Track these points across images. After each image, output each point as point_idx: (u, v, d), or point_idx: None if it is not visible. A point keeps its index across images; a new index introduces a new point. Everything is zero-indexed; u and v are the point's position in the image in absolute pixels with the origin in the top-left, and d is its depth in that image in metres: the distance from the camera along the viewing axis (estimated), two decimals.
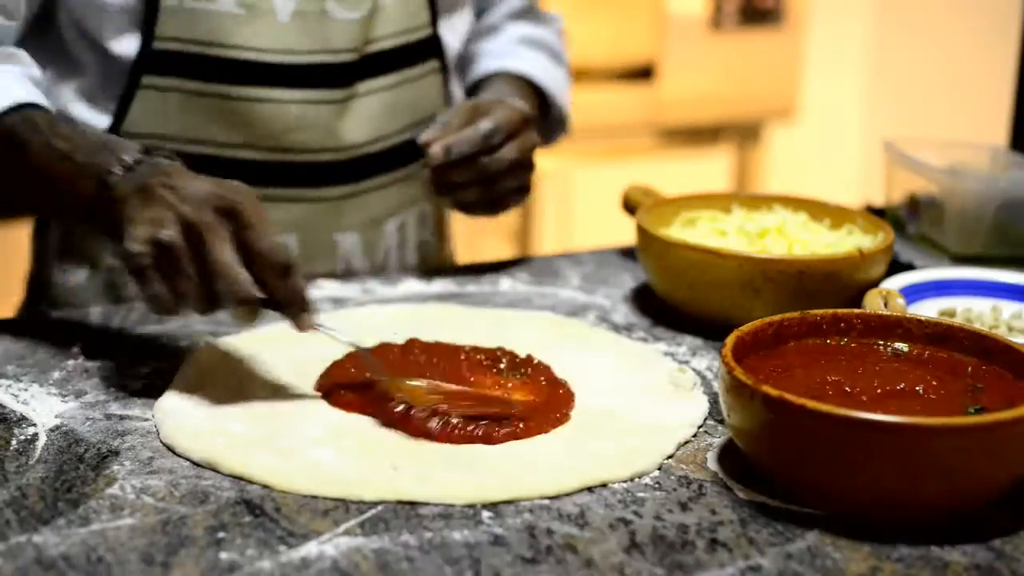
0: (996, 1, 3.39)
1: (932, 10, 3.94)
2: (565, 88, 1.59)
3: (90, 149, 1.08)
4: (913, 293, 1.22)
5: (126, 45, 1.29)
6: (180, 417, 1.00)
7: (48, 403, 1.03)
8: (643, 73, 3.89)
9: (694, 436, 1.01)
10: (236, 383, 1.08)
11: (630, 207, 1.42)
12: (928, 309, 1.22)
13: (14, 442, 0.96)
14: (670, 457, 0.97)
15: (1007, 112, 1.69)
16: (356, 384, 1.05)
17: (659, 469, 0.95)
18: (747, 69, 4.04)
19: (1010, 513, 0.88)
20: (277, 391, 1.06)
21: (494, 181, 1.34)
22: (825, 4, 4.17)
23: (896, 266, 1.33)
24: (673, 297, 1.26)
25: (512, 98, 1.42)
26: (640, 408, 1.04)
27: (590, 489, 0.91)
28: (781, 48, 4.08)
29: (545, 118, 1.56)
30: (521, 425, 0.99)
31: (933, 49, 3.92)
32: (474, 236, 1.50)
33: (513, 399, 1.04)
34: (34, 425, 0.99)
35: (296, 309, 1.01)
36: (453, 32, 1.48)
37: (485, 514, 0.87)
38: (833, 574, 0.81)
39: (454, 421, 0.97)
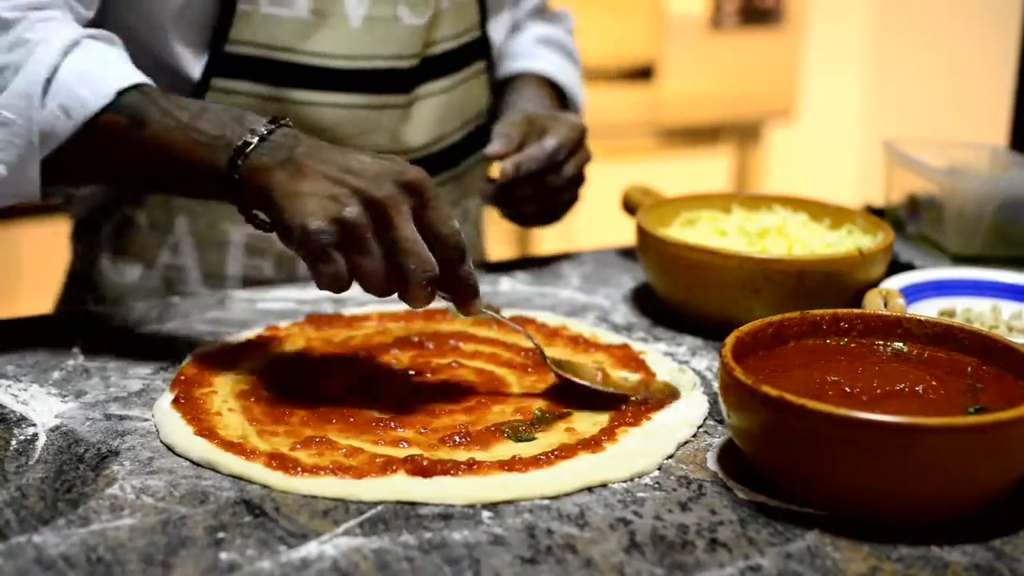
0: (996, 1, 3.39)
1: (932, 10, 3.94)
2: (579, 85, 1.63)
3: (216, 120, 1.05)
4: (913, 293, 1.22)
5: (196, 53, 1.29)
6: (180, 417, 1.00)
7: (48, 403, 1.03)
8: (643, 73, 3.89)
9: (694, 436, 1.01)
10: (236, 382, 1.08)
11: (630, 207, 1.42)
12: (928, 309, 1.22)
13: (14, 442, 0.96)
14: (670, 457, 0.97)
15: (1007, 112, 1.69)
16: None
17: (659, 469, 0.95)
18: (747, 69, 4.04)
19: (1010, 513, 0.88)
20: (275, 390, 1.06)
21: (554, 196, 1.38)
22: (825, 4, 4.17)
23: (896, 266, 1.33)
24: (673, 297, 1.26)
25: (554, 111, 1.46)
26: (639, 408, 1.04)
27: (590, 489, 0.91)
28: (781, 48, 4.08)
29: None
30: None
31: (933, 49, 3.92)
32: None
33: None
34: (34, 425, 0.99)
35: (466, 294, 1.02)
36: (497, 31, 1.51)
37: (485, 514, 0.87)
38: (833, 574, 0.81)
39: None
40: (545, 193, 1.38)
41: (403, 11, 1.34)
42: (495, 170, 1.33)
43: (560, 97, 1.58)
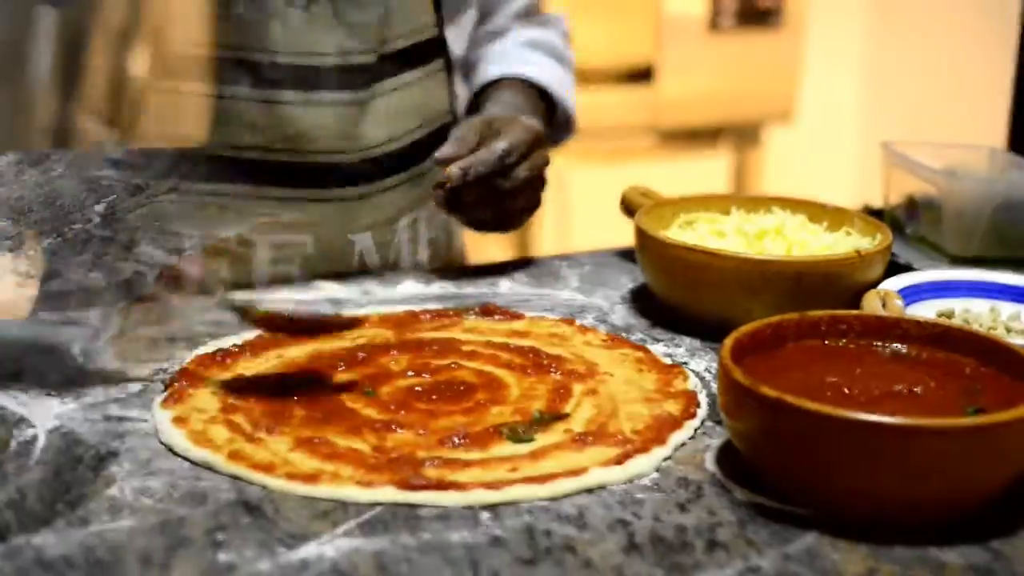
0: (995, 2, 3.39)
1: (930, 11, 3.95)
2: (570, 90, 1.61)
3: None
4: (911, 294, 1.22)
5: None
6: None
7: (47, 404, 1.03)
8: (642, 74, 3.89)
9: (692, 437, 1.01)
10: (234, 383, 1.08)
11: (629, 208, 1.42)
12: (926, 310, 1.22)
13: (13, 443, 0.96)
14: (668, 458, 0.97)
15: (1005, 113, 1.69)
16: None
17: (657, 470, 0.95)
18: (746, 70, 4.04)
19: (1008, 514, 0.88)
20: (275, 391, 1.06)
21: (506, 200, 1.36)
22: (823, 5, 4.17)
23: (895, 267, 1.33)
24: (672, 298, 1.26)
25: (525, 114, 1.44)
26: (638, 409, 1.04)
27: (589, 490, 0.91)
28: (780, 49, 4.08)
29: (551, 121, 1.58)
30: None
31: (931, 50, 3.92)
32: (475, 236, 1.53)
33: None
34: (33, 426, 0.99)
35: None
36: (456, 33, 1.50)
37: (484, 515, 0.87)
38: (831, 575, 0.81)
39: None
40: (496, 197, 1.36)
41: (343, 6, 1.33)
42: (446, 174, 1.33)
43: (546, 101, 1.56)
